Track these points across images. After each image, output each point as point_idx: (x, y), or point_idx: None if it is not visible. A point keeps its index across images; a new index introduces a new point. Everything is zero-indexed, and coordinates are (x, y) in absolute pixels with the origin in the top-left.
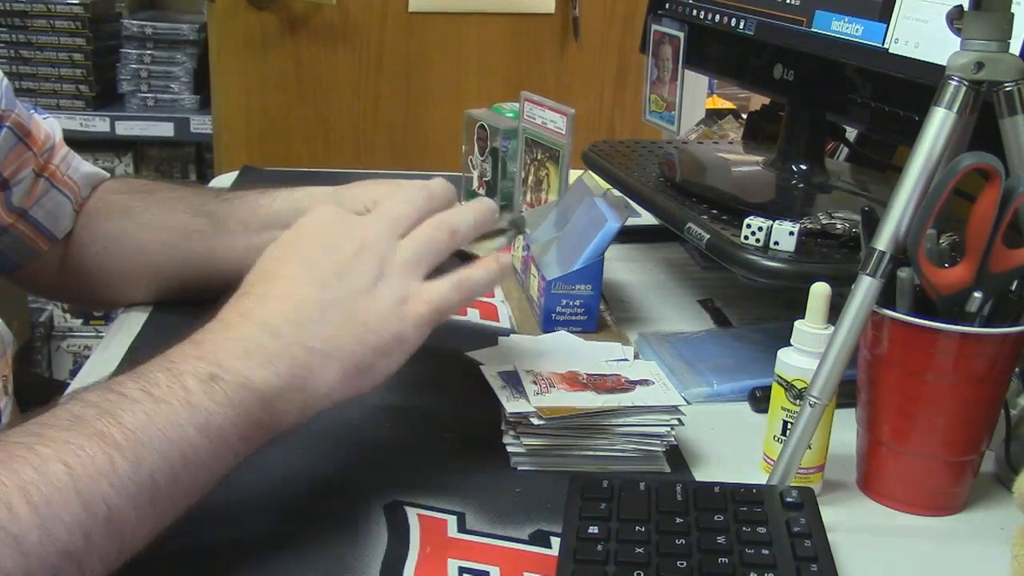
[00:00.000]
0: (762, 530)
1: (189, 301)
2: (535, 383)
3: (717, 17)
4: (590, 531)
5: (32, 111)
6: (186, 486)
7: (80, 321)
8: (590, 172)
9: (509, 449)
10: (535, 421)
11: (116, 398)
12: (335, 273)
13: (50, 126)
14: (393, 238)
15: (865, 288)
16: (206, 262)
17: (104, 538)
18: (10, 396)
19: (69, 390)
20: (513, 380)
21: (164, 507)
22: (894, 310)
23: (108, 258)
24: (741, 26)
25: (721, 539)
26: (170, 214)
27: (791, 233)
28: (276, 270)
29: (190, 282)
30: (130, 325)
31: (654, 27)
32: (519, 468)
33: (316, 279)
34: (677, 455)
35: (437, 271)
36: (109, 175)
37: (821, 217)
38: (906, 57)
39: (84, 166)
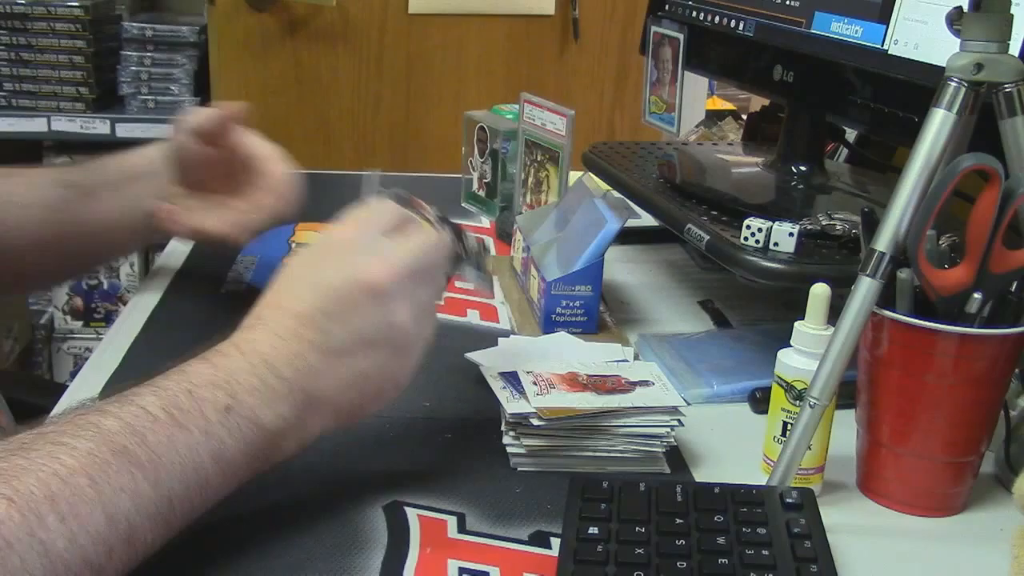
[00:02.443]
0: (762, 531)
1: (188, 306)
2: (535, 384)
3: (717, 18)
4: (590, 532)
5: None
6: (197, 507)
7: (80, 323)
8: (590, 173)
9: (509, 449)
10: (535, 422)
11: (139, 412)
12: (343, 320)
13: None
14: (411, 285)
15: (865, 289)
16: (78, 229)
17: (124, 553)
18: None
19: (66, 393)
20: (513, 381)
21: (176, 524)
22: (894, 311)
23: None
24: (741, 27)
25: (721, 540)
26: (33, 190)
27: (791, 234)
28: (288, 301)
29: (67, 254)
30: (129, 327)
31: (654, 28)
32: (519, 468)
33: (323, 323)
34: (677, 456)
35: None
36: None
37: (821, 218)
38: (906, 58)
39: None
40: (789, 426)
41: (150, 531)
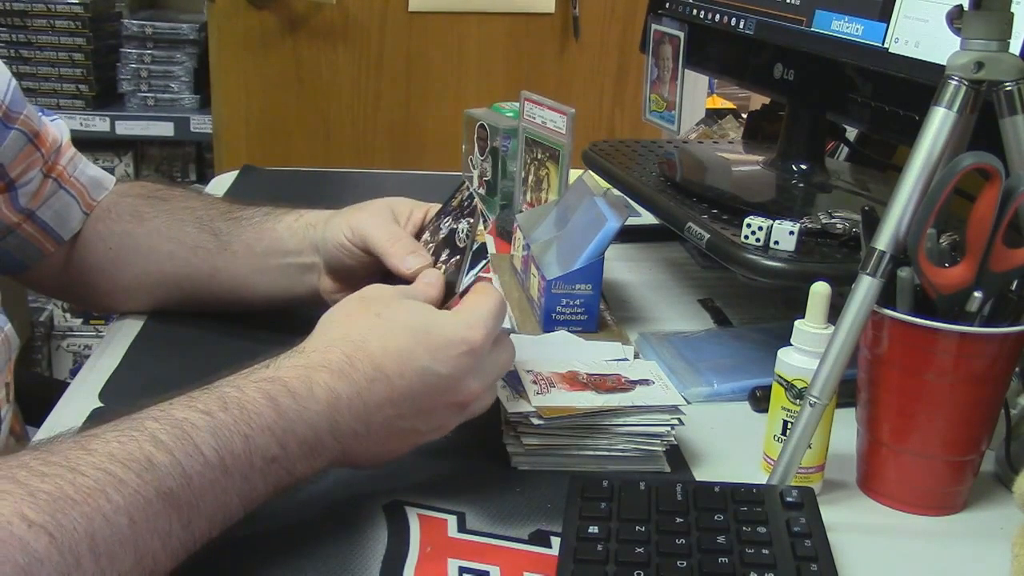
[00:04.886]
0: (762, 530)
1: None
2: (535, 383)
3: (717, 17)
4: (590, 531)
5: (40, 113)
6: (214, 537)
7: (80, 320)
8: (590, 172)
9: (509, 449)
10: (535, 421)
11: (193, 452)
12: (419, 411)
13: (58, 128)
14: (489, 395)
15: (865, 288)
16: (208, 279)
17: None
18: (12, 404)
19: (67, 392)
20: (513, 380)
21: (191, 551)
22: (894, 310)
23: (111, 261)
24: (741, 26)
25: (721, 539)
26: (178, 225)
27: (791, 232)
28: (392, 368)
29: (190, 296)
30: (129, 326)
31: (654, 26)
32: (519, 468)
33: (403, 407)
34: (677, 455)
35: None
36: (115, 179)
37: (821, 217)
38: (906, 57)
39: (90, 169)
40: (789, 425)
41: (169, 564)
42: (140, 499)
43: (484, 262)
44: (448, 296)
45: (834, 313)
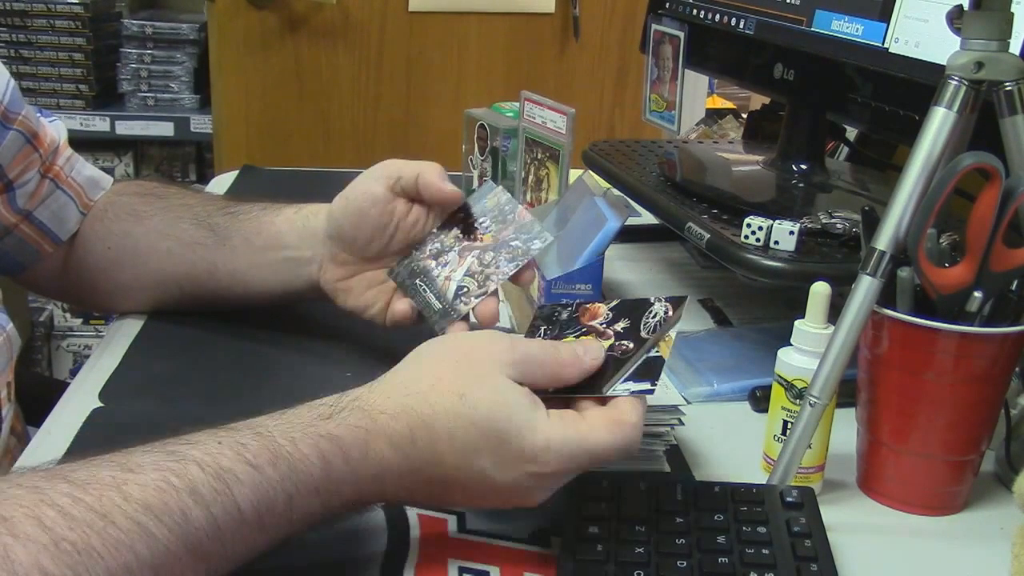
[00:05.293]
0: (762, 530)
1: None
2: None
3: (717, 16)
4: (590, 531)
5: (38, 114)
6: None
7: (80, 320)
8: (590, 171)
9: None
10: None
11: (231, 509)
12: (466, 496)
13: (56, 128)
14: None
15: (865, 288)
16: (207, 276)
17: None
18: (13, 403)
19: (67, 393)
20: None
21: None
22: (894, 310)
23: (110, 260)
24: (741, 26)
25: (721, 539)
26: (175, 222)
27: (791, 232)
28: (445, 450)
29: (189, 294)
30: (129, 326)
31: (654, 26)
32: None
33: (450, 490)
34: (677, 455)
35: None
36: (112, 179)
37: (821, 216)
38: (906, 57)
39: (87, 169)
40: (789, 425)
41: None
42: (168, 553)
43: (649, 384)
44: (581, 381)
45: (834, 313)
